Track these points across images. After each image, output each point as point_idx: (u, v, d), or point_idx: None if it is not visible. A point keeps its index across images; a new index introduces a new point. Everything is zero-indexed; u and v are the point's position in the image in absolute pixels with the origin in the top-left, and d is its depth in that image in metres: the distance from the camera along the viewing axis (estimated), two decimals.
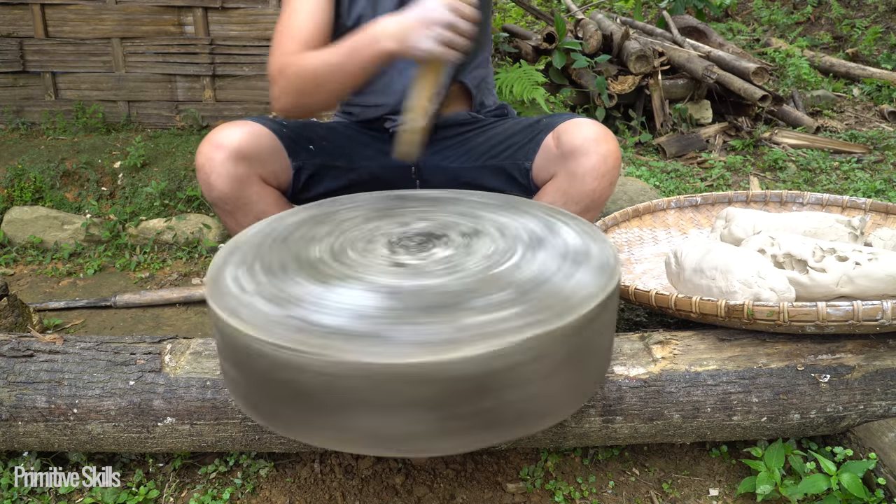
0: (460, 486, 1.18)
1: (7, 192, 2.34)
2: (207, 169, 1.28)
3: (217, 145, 1.29)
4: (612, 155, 1.28)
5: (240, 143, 1.29)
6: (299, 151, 1.42)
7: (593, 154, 1.27)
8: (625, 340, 1.20)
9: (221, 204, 1.33)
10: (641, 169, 2.79)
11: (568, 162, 1.30)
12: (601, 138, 1.28)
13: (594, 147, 1.27)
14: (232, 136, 1.29)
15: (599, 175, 1.27)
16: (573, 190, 1.30)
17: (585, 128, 1.30)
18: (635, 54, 3.20)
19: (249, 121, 1.37)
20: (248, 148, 1.31)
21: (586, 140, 1.27)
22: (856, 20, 5.27)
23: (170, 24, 2.77)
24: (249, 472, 1.21)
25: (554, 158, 1.34)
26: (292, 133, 1.43)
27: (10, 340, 1.16)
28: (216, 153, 1.28)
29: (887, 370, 1.14)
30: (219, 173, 1.28)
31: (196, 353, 1.16)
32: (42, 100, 2.84)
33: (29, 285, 2.04)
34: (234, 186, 1.30)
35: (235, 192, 1.31)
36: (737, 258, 1.23)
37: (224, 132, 1.30)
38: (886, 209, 1.62)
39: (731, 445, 1.26)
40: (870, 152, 3.14)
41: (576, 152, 1.28)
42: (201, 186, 1.32)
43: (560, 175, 1.32)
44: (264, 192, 1.36)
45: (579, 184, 1.29)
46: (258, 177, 1.34)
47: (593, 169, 1.27)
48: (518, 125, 1.46)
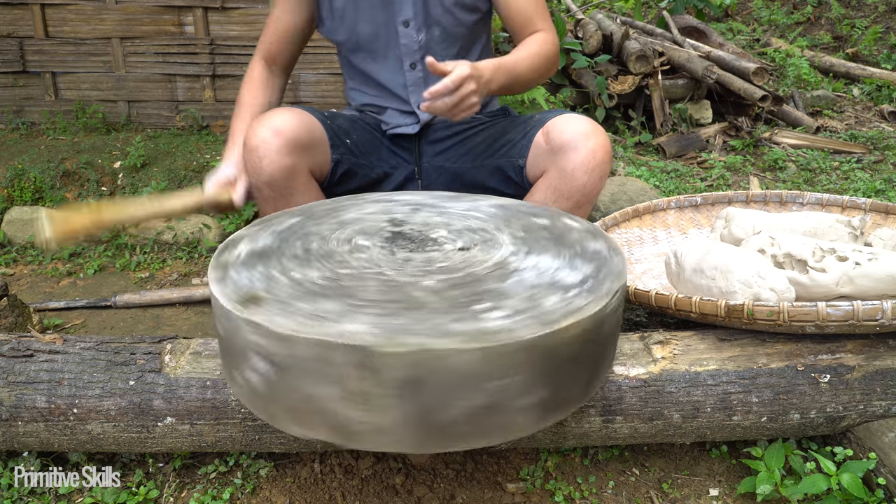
0: (460, 486, 1.18)
1: (7, 192, 2.34)
2: (261, 152, 1.28)
3: (276, 131, 1.28)
4: (602, 149, 1.27)
5: (297, 133, 1.30)
6: (339, 145, 1.44)
7: (582, 149, 1.26)
8: (625, 340, 1.20)
9: (266, 189, 1.33)
10: (641, 169, 2.79)
11: (557, 158, 1.30)
12: (589, 133, 1.27)
13: (583, 142, 1.27)
14: (290, 123, 1.30)
15: (589, 170, 1.27)
16: (564, 186, 1.30)
17: (574, 123, 1.29)
18: (635, 54, 3.20)
19: (301, 109, 1.38)
20: (303, 138, 1.32)
21: (575, 135, 1.27)
22: (856, 20, 5.27)
23: (170, 24, 2.77)
24: (249, 472, 1.21)
25: (544, 154, 1.34)
26: (334, 125, 1.45)
27: (10, 340, 1.16)
28: (274, 139, 1.28)
29: (887, 370, 1.14)
30: (272, 159, 1.28)
31: (196, 353, 1.16)
32: (42, 100, 2.84)
33: (29, 285, 2.04)
34: (284, 174, 1.30)
35: (284, 181, 1.31)
36: (737, 258, 1.23)
37: (282, 117, 1.31)
38: (886, 209, 1.62)
39: (731, 445, 1.26)
40: (870, 152, 3.14)
41: (565, 147, 1.28)
42: (248, 167, 1.31)
43: (551, 171, 1.32)
44: (309, 185, 1.38)
45: (569, 179, 1.28)
46: (307, 168, 1.35)
47: (583, 164, 1.27)
48: (513, 123, 1.47)
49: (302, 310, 0.83)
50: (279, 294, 0.88)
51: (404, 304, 0.85)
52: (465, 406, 0.80)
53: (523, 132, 1.41)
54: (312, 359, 0.79)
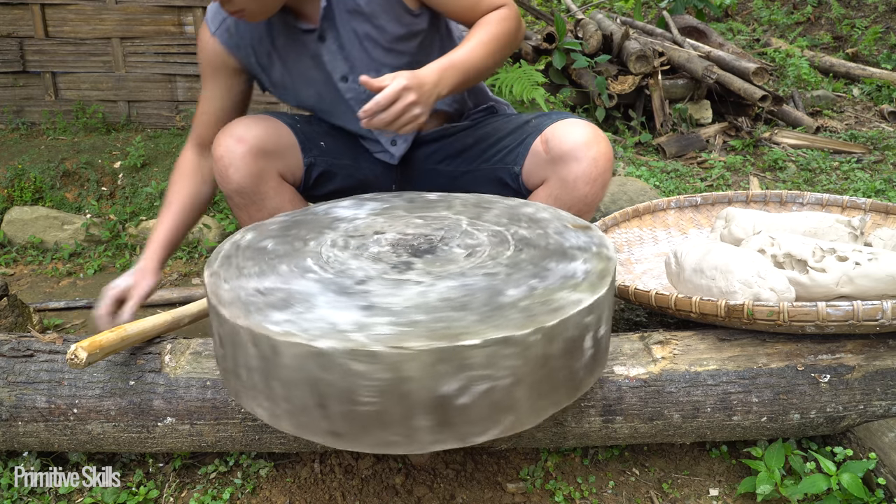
0: (460, 486, 1.18)
1: (7, 192, 2.34)
2: (226, 161, 1.28)
3: (239, 139, 1.29)
4: (603, 157, 1.25)
5: (261, 139, 1.30)
6: (311, 148, 1.42)
7: (584, 159, 1.24)
8: (625, 340, 1.20)
9: (236, 197, 1.33)
10: (641, 169, 2.79)
11: (558, 167, 1.27)
12: (591, 141, 1.25)
13: (584, 151, 1.24)
14: (252, 130, 1.30)
15: (591, 180, 1.25)
16: (565, 196, 1.28)
17: (574, 131, 1.27)
18: (635, 54, 3.20)
19: (267, 115, 1.37)
20: (268, 144, 1.31)
21: (576, 145, 1.25)
22: (856, 20, 5.27)
23: (170, 24, 2.77)
24: (249, 472, 1.21)
25: (543, 163, 1.31)
26: (305, 129, 1.43)
27: (10, 340, 1.16)
28: (237, 147, 1.28)
29: (887, 370, 1.14)
30: (237, 167, 1.28)
31: (196, 353, 1.16)
32: (42, 100, 2.84)
33: (29, 285, 2.04)
34: (252, 181, 1.30)
35: (252, 187, 1.31)
36: (737, 258, 1.23)
37: (245, 125, 1.31)
38: (886, 209, 1.62)
39: (731, 445, 1.26)
40: (870, 152, 3.14)
41: (565, 157, 1.26)
42: (217, 177, 1.32)
43: (551, 180, 1.30)
44: (281, 189, 1.37)
45: (571, 190, 1.26)
46: (276, 172, 1.34)
47: (584, 174, 1.25)
48: (508, 125, 1.43)
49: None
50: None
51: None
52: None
53: (520, 138, 1.37)
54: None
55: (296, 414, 0.83)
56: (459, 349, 0.77)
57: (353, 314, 0.83)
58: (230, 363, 0.89)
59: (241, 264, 0.99)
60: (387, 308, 0.85)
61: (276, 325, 0.81)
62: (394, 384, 0.78)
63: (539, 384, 0.84)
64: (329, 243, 1.05)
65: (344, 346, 0.77)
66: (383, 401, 0.79)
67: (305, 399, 0.81)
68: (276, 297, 0.88)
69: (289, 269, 0.96)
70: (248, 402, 0.89)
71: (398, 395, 0.79)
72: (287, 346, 0.79)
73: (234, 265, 0.98)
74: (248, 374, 0.86)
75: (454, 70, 1.22)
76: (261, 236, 1.09)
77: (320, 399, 0.80)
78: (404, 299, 0.87)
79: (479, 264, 0.97)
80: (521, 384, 0.82)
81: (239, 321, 0.84)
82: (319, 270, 0.95)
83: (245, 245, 1.06)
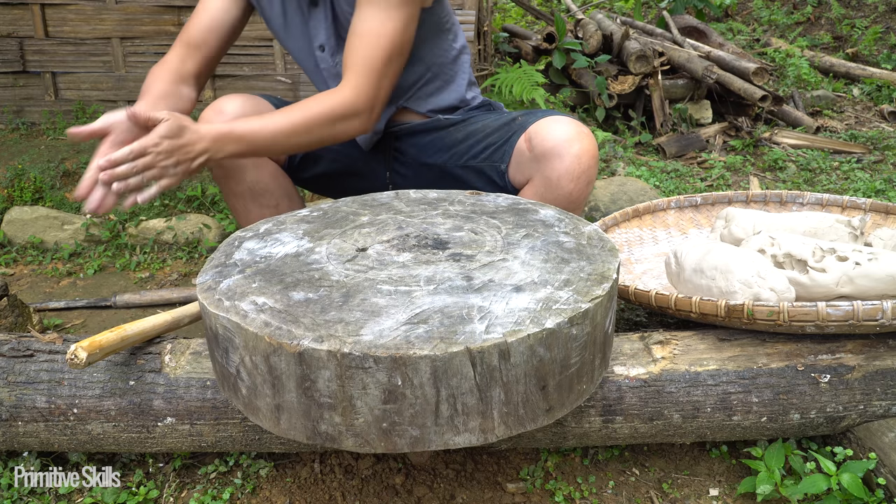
0: (460, 486, 1.18)
1: (7, 192, 2.34)
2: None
3: (219, 111, 1.34)
4: (587, 154, 1.24)
5: (239, 112, 1.34)
6: None
7: (566, 156, 1.23)
8: (625, 340, 1.20)
9: (216, 169, 1.39)
10: (641, 169, 2.79)
11: (542, 165, 1.27)
12: (573, 138, 1.24)
13: (566, 148, 1.23)
14: (234, 104, 1.35)
15: (574, 177, 1.24)
16: (550, 194, 1.27)
17: (556, 128, 1.26)
18: (635, 54, 3.20)
19: (254, 95, 1.42)
20: (247, 116, 1.33)
21: (558, 142, 1.24)
22: (856, 20, 5.27)
23: (170, 24, 2.77)
24: (249, 472, 1.21)
25: (528, 162, 1.31)
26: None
27: (10, 340, 1.16)
28: (216, 118, 1.33)
29: (887, 370, 1.14)
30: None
31: (196, 353, 1.16)
32: (42, 100, 2.84)
33: (29, 285, 2.04)
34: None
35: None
36: (737, 258, 1.23)
37: (227, 100, 1.36)
38: (886, 209, 1.62)
39: (731, 445, 1.26)
40: (870, 152, 3.14)
41: (548, 155, 1.25)
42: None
43: (536, 179, 1.30)
44: (260, 162, 1.41)
45: (555, 188, 1.26)
46: None
47: (567, 172, 1.24)
48: (496, 122, 1.42)
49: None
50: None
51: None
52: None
53: (506, 136, 1.37)
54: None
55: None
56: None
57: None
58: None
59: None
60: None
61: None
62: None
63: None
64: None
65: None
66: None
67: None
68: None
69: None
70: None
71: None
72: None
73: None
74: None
75: (236, 141, 1.18)
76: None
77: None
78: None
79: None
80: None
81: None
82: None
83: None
